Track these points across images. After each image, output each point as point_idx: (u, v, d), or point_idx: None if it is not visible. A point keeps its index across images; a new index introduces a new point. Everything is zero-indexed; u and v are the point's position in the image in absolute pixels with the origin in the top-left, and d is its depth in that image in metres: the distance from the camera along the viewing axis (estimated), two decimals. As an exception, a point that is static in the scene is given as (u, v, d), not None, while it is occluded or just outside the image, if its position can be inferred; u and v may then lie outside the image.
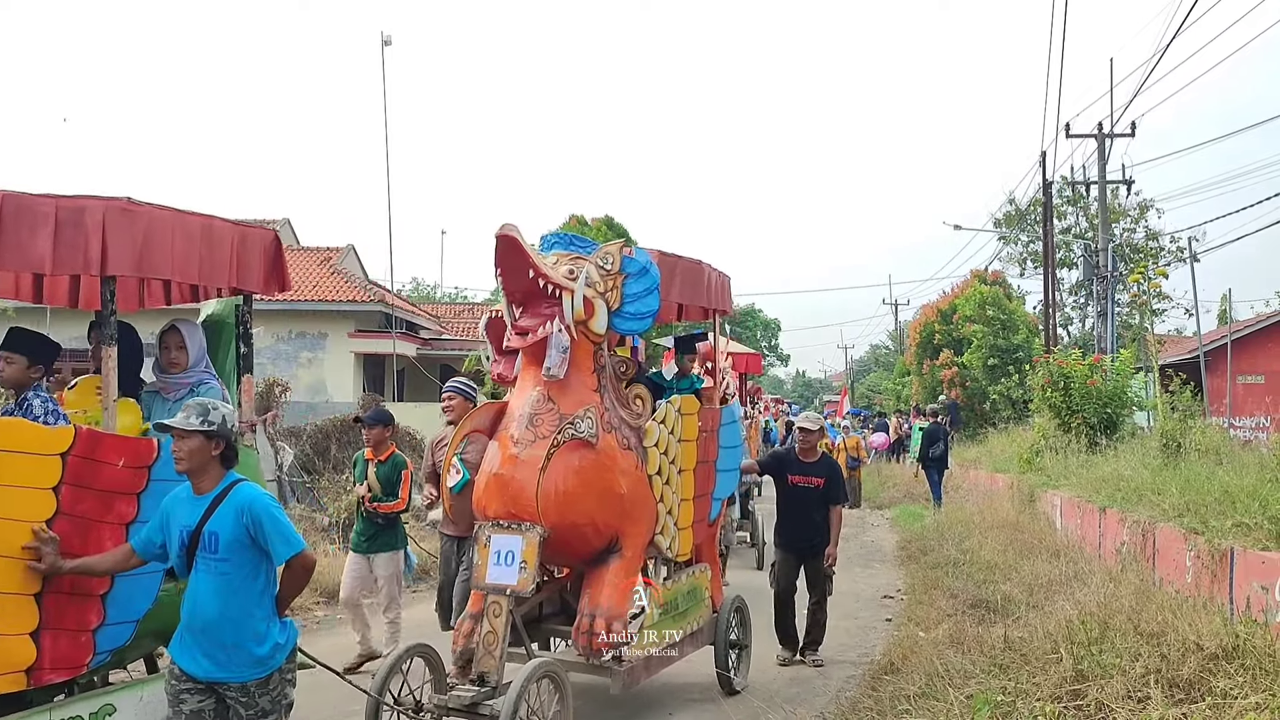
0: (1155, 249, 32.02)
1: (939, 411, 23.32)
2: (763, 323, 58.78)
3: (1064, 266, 31.76)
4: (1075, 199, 31.73)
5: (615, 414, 5.79)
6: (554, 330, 5.46)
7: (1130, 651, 5.31)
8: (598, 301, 5.66)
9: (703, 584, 6.70)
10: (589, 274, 5.64)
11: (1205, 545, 6.99)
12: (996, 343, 29.81)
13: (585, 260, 5.75)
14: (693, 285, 6.68)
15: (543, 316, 5.50)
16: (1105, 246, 24.16)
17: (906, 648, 7.30)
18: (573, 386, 5.64)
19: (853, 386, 55.04)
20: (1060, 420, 15.23)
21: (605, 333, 5.78)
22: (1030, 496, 14.06)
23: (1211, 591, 6.72)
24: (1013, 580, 9.24)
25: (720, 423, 6.82)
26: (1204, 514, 7.59)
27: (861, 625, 9.36)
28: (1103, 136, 23.52)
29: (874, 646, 8.24)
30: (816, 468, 7.86)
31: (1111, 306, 23.83)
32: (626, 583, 5.69)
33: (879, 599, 10.61)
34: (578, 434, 5.45)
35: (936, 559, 11.69)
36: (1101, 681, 5.05)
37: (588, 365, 5.75)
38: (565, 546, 5.67)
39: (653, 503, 5.90)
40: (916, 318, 38.94)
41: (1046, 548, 10.51)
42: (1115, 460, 12.16)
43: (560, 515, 5.45)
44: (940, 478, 18.18)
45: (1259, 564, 6.21)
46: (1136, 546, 8.54)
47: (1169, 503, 8.47)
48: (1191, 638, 5.23)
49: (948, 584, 9.95)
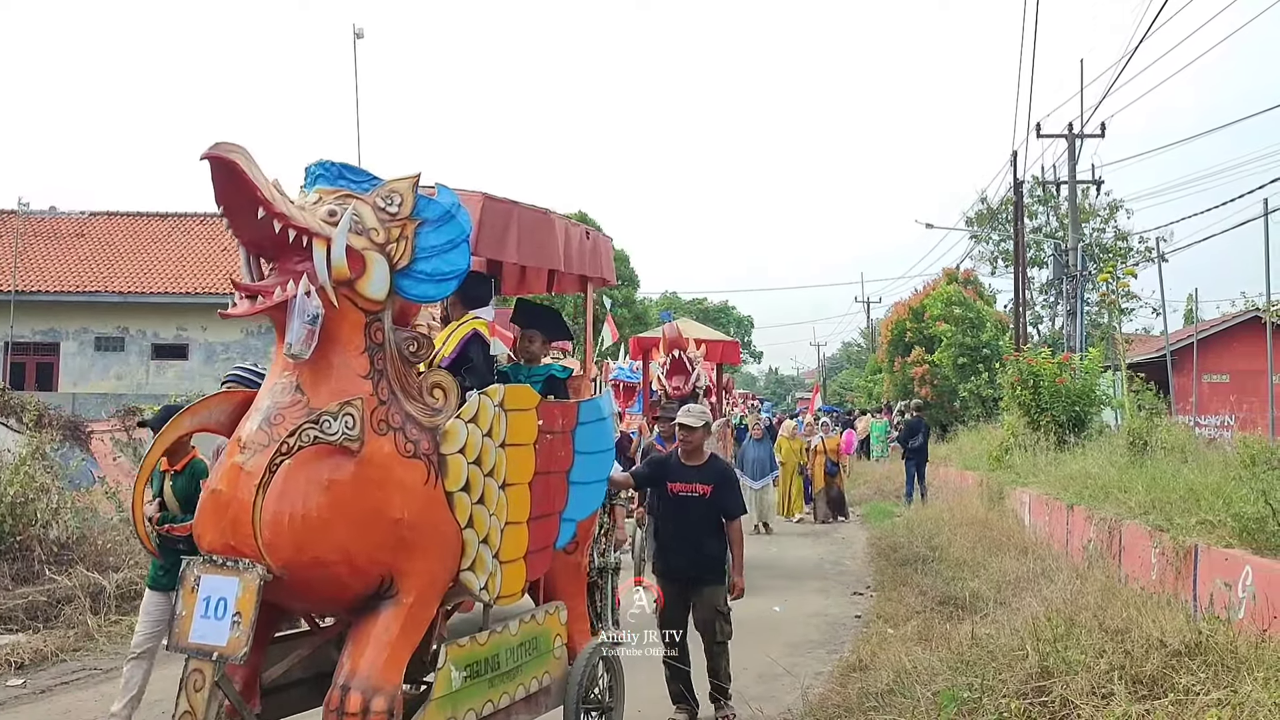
0: (1124, 249, 32.34)
1: (920, 406, 23.43)
2: (736, 319, 58.90)
3: (1034, 265, 32.03)
4: (1046, 198, 32.01)
5: (398, 409, 4.26)
6: (297, 293, 4.01)
7: (1095, 648, 5.34)
8: (373, 256, 4.20)
9: (550, 630, 5.24)
10: (359, 217, 4.22)
11: (1170, 542, 7.05)
12: (965, 341, 30.01)
13: (359, 200, 4.32)
14: (539, 243, 5.22)
15: (291, 274, 4.08)
16: (1075, 246, 24.35)
17: (875, 644, 7.33)
18: (332, 372, 4.18)
19: (825, 384, 55.25)
20: (1029, 418, 15.34)
21: (387, 299, 4.29)
22: (999, 494, 14.16)
23: (1175, 588, 6.78)
24: (981, 577, 9.30)
25: (578, 421, 5.27)
26: (1169, 511, 7.66)
27: (830, 622, 9.38)
28: (1073, 137, 23.72)
29: (843, 643, 8.27)
30: (702, 472, 6.40)
31: (1081, 305, 24.03)
32: (402, 640, 4.18)
33: (848, 595, 10.65)
34: (324, 437, 3.95)
35: (906, 555, 11.76)
36: (1066, 678, 5.08)
37: (355, 342, 4.22)
38: (307, 591, 4.16)
39: (452, 529, 4.36)
40: (888, 315, 39.15)
41: (1015, 545, 10.58)
42: (1083, 458, 12.25)
43: (296, 549, 3.94)
44: (921, 471, 18.47)
45: (1222, 561, 6.27)
46: (1103, 544, 8.62)
47: (1135, 500, 8.55)
48: (1155, 634, 5.26)
49: (917, 581, 10.02)
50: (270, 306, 4.05)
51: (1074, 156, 23.97)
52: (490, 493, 4.54)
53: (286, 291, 4.02)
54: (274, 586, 3.96)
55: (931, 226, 43.29)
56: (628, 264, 33.76)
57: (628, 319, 31.03)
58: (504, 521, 4.62)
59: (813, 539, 15.50)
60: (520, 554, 4.75)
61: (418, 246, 4.35)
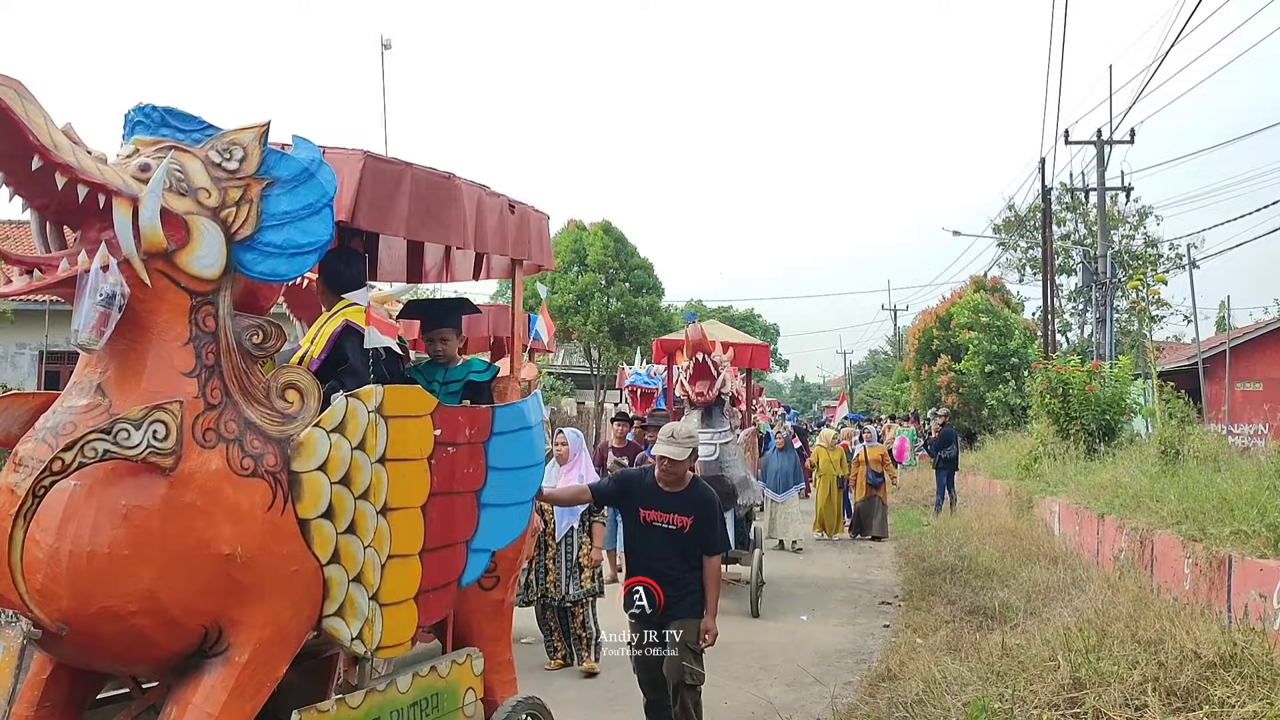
0: (1154, 255, 32.07)
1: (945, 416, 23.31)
2: (762, 327, 58.81)
3: (1063, 273, 31.84)
4: (1074, 205, 31.78)
5: (234, 416, 3.36)
6: (91, 268, 3.10)
7: (1128, 659, 5.30)
8: (200, 222, 3.32)
9: (457, 684, 4.34)
10: (182, 173, 3.34)
11: (1203, 552, 6.97)
12: (992, 349, 29.83)
13: (186, 152, 3.43)
14: (438, 214, 4.17)
15: (93, 245, 3.19)
16: (1104, 253, 24.17)
17: (904, 654, 7.29)
18: (144, 368, 3.27)
19: (851, 392, 55.03)
20: (1058, 426, 15.23)
21: (220, 276, 3.40)
22: (1028, 503, 14.06)
23: (1209, 599, 6.71)
24: (1010, 587, 9.23)
25: (492, 430, 4.33)
26: (1202, 521, 7.58)
27: (859, 631, 9.34)
28: (1102, 143, 23.56)
29: (871, 653, 8.23)
30: (680, 501, 5.41)
31: (1110, 313, 23.84)
32: (231, 711, 3.25)
33: (876, 605, 10.61)
34: (119, 450, 3.05)
35: (934, 565, 11.68)
36: (1099, 689, 5.04)
37: (175, 331, 3.32)
38: (99, 650, 3.22)
39: (306, 566, 3.45)
40: (915, 323, 38.95)
41: (1044, 554, 10.50)
42: (1113, 467, 12.15)
43: (79, 597, 3.04)
44: (951, 479, 18.41)
45: (1257, 571, 6.19)
46: (1134, 553, 8.53)
47: (1167, 510, 8.46)
48: (1189, 645, 5.22)
49: (945, 590, 9.95)
50: (51, 284, 3.14)
51: (1103, 163, 23.80)
52: (363, 520, 3.61)
53: (75, 265, 3.12)
54: (54, 644, 3.12)
55: (959, 234, 42.81)
56: (652, 272, 33.74)
57: (653, 327, 31.02)
58: (385, 555, 3.70)
59: (839, 548, 15.43)
60: (409, 594, 3.84)
61: (265, 212, 3.46)
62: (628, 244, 33.23)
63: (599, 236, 32.62)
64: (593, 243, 32.40)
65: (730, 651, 8.00)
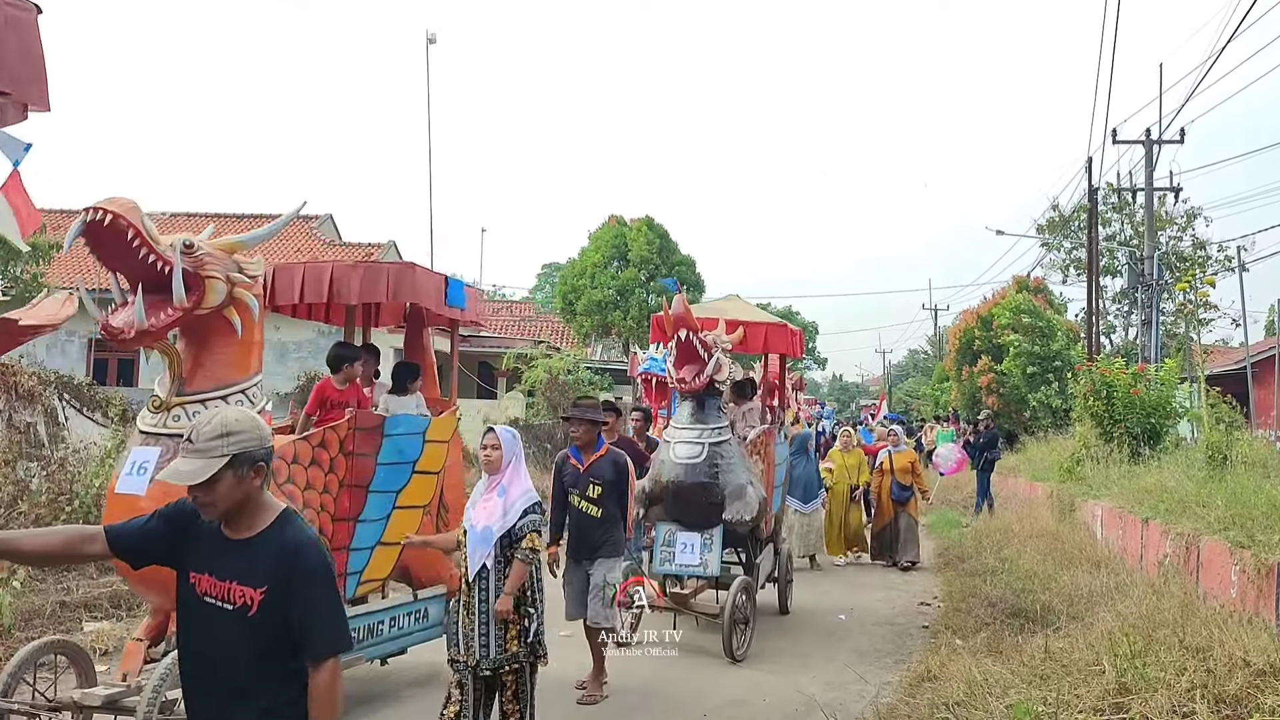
0: (1202, 258, 31.57)
1: (990, 418, 23.15)
2: (800, 324, 58.57)
3: (1108, 274, 31.44)
4: (1121, 206, 31.37)
5: None
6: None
7: (1175, 665, 5.25)
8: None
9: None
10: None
11: (1251, 560, 6.88)
12: (1034, 350, 29.51)
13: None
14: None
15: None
16: (1151, 254, 23.84)
17: (945, 655, 7.26)
18: None
19: (890, 391, 54.68)
20: (1102, 429, 15.04)
21: None
22: (1070, 506, 13.91)
23: (1257, 607, 6.62)
24: (1052, 590, 9.16)
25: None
26: (1250, 528, 7.47)
27: (897, 631, 9.32)
28: (1150, 143, 23.21)
29: (910, 653, 8.21)
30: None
31: (1156, 315, 23.51)
32: None
33: (916, 606, 10.57)
34: None
35: (974, 567, 11.62)
36: (1145, 695, 5.01)
37: None
38: None
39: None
40: (956, 323, 38.62)
41: (1087, 558, 10.40)
42: (1158, 471, 11.99)
43: None
44: (988, 481, 18.33)
45: (1307, 580, 6.11)
46: (1179, 559, 8.43)
47: (1214, 516, 8.35)
48: (1238, 653, 5.16)
49: (986, 592, 9.90)
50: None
51: (1151, 163, 23.46)
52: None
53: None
54: None
55: (1002, 233, 42.37)
56: (695, 268, 33.74)
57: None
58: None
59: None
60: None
61: None
62: (670, 240, 33.25)
63: (642, 232, 32.65)
64: (635, 239, 32.44)
65: (766, 652, 8.00)
